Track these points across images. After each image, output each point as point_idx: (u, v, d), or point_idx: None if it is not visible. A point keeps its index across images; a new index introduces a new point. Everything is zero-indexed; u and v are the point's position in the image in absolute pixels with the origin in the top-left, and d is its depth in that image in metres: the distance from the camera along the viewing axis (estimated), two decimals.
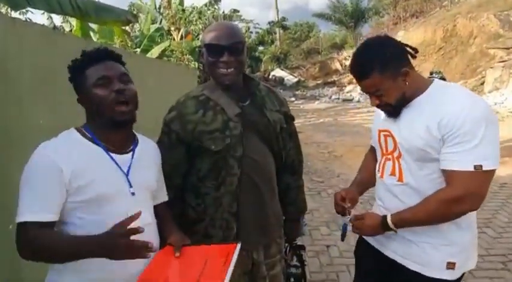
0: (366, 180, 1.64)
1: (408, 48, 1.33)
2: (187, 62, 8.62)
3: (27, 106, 1.82)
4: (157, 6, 12.60)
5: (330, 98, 18.57)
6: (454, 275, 1.34)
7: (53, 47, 2.03)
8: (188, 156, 1.49)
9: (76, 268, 1.07)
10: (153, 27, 10.46)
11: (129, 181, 1.17)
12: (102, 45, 1.23)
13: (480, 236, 3.46)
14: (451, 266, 1.33)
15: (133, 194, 1.17)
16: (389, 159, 1.42)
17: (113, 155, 1.17)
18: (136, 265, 1.12)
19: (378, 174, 1.49)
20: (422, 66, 16.35)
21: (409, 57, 1.33)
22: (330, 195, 4.72)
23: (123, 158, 1.19)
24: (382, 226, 1.35)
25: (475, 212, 1.35)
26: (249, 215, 1.50)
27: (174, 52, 9.20)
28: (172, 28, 10.50)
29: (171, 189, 1.48)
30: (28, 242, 1.02)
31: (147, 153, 1.30)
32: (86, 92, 1.15)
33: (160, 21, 11.46)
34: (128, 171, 1.18)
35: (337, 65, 24.96)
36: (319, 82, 23.33)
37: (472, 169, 1.18)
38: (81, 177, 1.07)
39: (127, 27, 11.96)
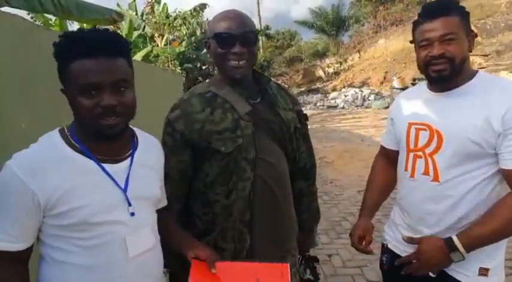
0: (377, 200, 1.55)
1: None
2: (173, 68, 8.43)
3: (8, 108, 1.62)
4: (140, 13, 12.41)
5: (315, 105, 18.64)
6: None
7: (36, 43, 1.83)
8: (194, 159, 1.32)
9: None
10: (136, 33, 10.24)
11: (127, 198, 0.96)
12: (99, 28, 1.01)
13: None
14: (483, 272, 1.19)
15: (132, 214, 0.96)
16: (419, 156, 1.28)
17: (105, 165, 0.94)
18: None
19: (407, 175, 1.33)
20: (403, 73, 16.66)
21: None
22: (325, 201, 4.58)
23: (119, 168, 0.98)
24: (448, 248, 1.15)
25: None
26: (264, 224, 1.33)
27: (158, 58, 9.00)
28: (156, 34, 10.30)
29: (179, 199, 1.32)
30: None
31: (149, 154, 1.09)
32: (69, 92, 0.91)
33: (143, 28, 11.24)
34: (126, 184, 0.97)
35: (320, 72, 25.18)
36: (302, 89, 23.43)
37: None
38: (63, 200, 0.87)
39: None
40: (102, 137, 0.93)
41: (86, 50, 0.87)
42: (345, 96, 18.28)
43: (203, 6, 12.14)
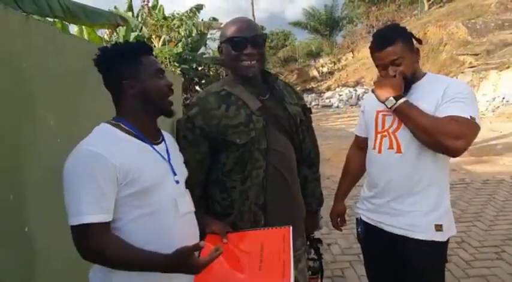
0: (349, 186, 1.91)
1: (413, 37, 1.55)
2: (173, 69, 8.56)
3: (39, 107, 1.77)
4: (136, 15, 12.48)
5: (310, 104, 18.86)
6: (443, 236, 1.50)
7: (60, 48, 2.00)
8: (211, 151, 1.50)
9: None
10: (133, 35, 10.35)
11: (172, 169, 1.17)
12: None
13: (472, 229, 3.62)
14: (438, 227, 1.48)
15: (177, 182, 1.17)
16: (385, 136, 1.58)
17: (153, 145, 1.18)
18: None
19: (375, 152, 1.62)
20: None
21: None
22: (323, 196, 4.76)
23: (161, 148, 1.20)
24: (396, 95, 1.44)
25: (447, 181, 1.55)
26: (276, 207, 1.51)
27: (156, 58, 9.10)
28: (153, 36, 10.42)
29: (197, 186, 1.49)
30: (95, 247, 0.98)
31: (173, 144, 1.32)
32: (140, 79, 1.14)
33: (141, 29, 11.35)
34: (169, 159, 1.19)
35: (315, 72, 25.39)
36: (297, 89, 23.60)
37: (468, 117, 1.37)
38: (130, 171, 1.04)
39: (105, 36, 11.79)
40: (162, 112, 1.20)
41: (148, 50, 1.20)
42: (340, 95, 18.52)
43: (200, 7, 12.23)
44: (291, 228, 1.29)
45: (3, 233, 1.47)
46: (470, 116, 1.36)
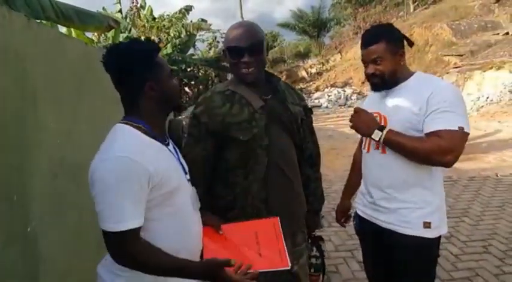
0: (356, 184, 1.92)
1: (405, 39, 1.60)
2: None
3: (41, 108, 1.80)
4: (124, 15, 12.40)
5: None
6: (432, 234, 1.53)
7: (61, 50, 2.02)
8: (216, 148, 1.55)
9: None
10: (122, 36, 10.28)
11: (184, 168, 1.22)
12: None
13: (460, 225, 3.74)
14: (427, 225, 1.53)
15: (188, 180, 1.22)
16: None
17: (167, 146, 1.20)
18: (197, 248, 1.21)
19: (365, 151, 1.71)
20: None
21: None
22: None
23: (170, 149, 1.23)
24: (377, 127, 1.51)
25: (441, 179, 1.60)
26: (278, 202, 1.55)
27: None
28: (142, 37, 10.39)
29: (204, 182, 1.54)
30: (133, 254, 1.00)
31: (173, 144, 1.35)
32: (160, 81, 1.13)
33: (130, 30, 11.27)
34: (178, 159, 1.23)
35: (303, 73, 25.56)
36: None
37: (456, 129, 1.41)
38: (160, 175, 1.05)
39: (93, 37, 11.69)
40: (178, 107, 1.28)
41: (159, 49, 1.18)
42: (328, 96, 18.69)
43: (189, 8, 12.22)
44: (278, 218, 1.39)
45: (6, 233, 1.50)
46: (459, 127, 1.40)
